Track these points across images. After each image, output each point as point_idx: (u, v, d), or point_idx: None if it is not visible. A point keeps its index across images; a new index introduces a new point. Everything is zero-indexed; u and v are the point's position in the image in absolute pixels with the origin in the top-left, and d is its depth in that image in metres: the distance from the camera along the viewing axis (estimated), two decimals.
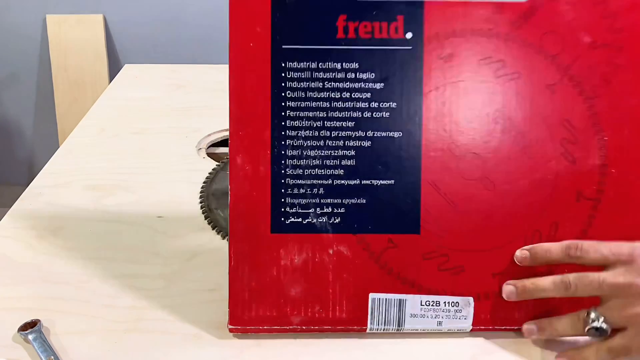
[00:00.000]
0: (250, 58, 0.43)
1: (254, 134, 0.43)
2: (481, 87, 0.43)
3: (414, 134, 0.44)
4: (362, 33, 0.42)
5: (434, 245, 0.44)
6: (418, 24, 0.42)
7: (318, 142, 0.43)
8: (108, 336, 0.45)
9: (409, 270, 0.44)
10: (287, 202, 0.44)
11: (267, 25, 0.42)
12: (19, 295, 0.49)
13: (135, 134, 0.77)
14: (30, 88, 1.76)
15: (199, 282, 0.51)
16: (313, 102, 0.43)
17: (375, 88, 0.43)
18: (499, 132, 0.44)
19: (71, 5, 1.64)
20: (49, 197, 0.63)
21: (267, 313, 0.44)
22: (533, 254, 0.43)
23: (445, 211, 0.44)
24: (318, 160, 0.44)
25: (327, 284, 0.44)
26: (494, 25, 0.43)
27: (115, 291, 0.50)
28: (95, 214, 0.60)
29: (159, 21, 1.64)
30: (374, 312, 0.45)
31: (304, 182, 0.44)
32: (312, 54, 0.43)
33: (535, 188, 0.44)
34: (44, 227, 0.58)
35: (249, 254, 0.44)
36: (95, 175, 0.67)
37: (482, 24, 0.43)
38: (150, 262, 0.53)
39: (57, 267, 0.53)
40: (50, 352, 0.43)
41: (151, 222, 0.59)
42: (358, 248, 0.44)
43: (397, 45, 0.43)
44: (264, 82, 0.43)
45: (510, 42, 0.43)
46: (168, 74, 0.98)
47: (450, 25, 0.43)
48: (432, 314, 0.45)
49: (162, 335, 0.45)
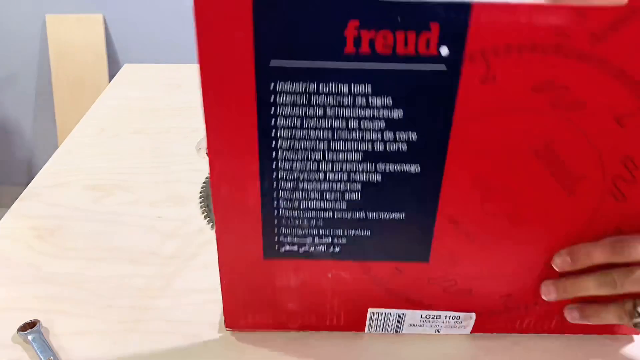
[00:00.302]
0: (228, 77, 0.33)
1: (239, 165, 0.36)
2: (530, 119, 0.35)
3: (436, 168, 0.37)
4: (379, 47, 0.32)
5: (442, 272, 0.42)
6: (459, 35, 0.31)
7: (317, 175, 0.37)
8: (107, 336, 0.45)
9: (413, 292, 0.43)
10: (280, 232, 0.39)
11: (248, 32, 0.31)
12: (19, 295, 0.49)
13: (135, 134, 0.77)
14: (30, 88, 1.75)
15: (199, 282, 0.51)
16: (311, 131, 0.35)
17: (392, 117, 0.34)
18: (541, 168, 0.37)
19: (71, 5, 1.63)
20: (49, 197, 0.63)
21: (263, 321, 0.44)
22: (574, 258, 0.40)
23: (461, 244, 0.40)
24: (316, 194, 0.38)
25: (325, 300, 0.43)
26: (567, 39, 0.32)
27: (114, 291, 0.50)
28: (94, 214, 0.60)
29: (159, 21, 1.64)
30: (372, 322, 0.45)
31: (299, 215, 0.39)
32: (311, 74, 0.33)
33: (571, 224, 0.39)
34: (43, 227, 0.58)
35: (240, 278, 0.42)
36: (94, 175, 0.67)
37: (551, 37, 0.31)
38: (150, 262, 0.53)
39: (57, 267, 0.52)
40: (49, 353, 0.43)
41: (151, 222, 0.59)
42: (360, 272, 0.41)
43: (426, 64, 0.32)
44: (248, 107, 0.34)
45: (582, 62, 0.33)
46: (168, 74, 0.98)
47: (503, 39, 0.32)
48: (431, 324, 0.44)
49: (161, 335, 0.45)
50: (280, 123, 0.35)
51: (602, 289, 0.40)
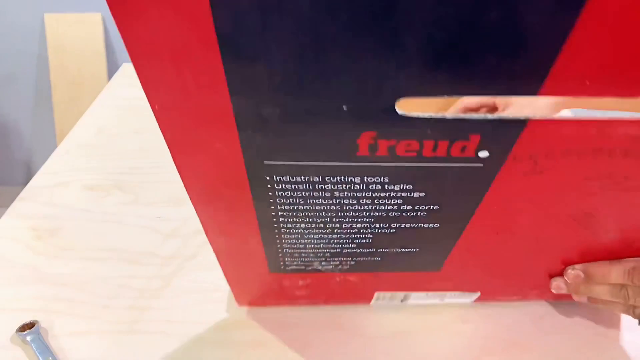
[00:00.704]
0: (210, 168, 0.28)
1: (237, 233, 0.34)
2: (576, 197, 0.31)
3: (457, 227, 0.34)
4: (401, 151, 0.26)
5: (452, 281, 0.43)
6: (504, 144, 0.26)
7: (324, 234, 0.34)
8: (107, 337, 0.45)
9: (421, 288, 0.44)
10: (285, 262, 0.38)
11: (232, 142, 0.25)
12: (17, 295, 0.49)
13: (134, 134, 0.77)
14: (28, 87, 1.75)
15: (198, 282, 0.51)
16: (316, 207, 0.31)
17: (412, 196, 0.30)
18: (574, 225, 0.34)
19: (70, 4, 1.63)
20: (47, 197, 0.63)
21: (272, 302, 0.47)
22: (589, 275, 0.40)
23: (472, 264, 0.39)
24: (323, 242, 0.35)
25: (333, 290, 0.45)
26: (637, 144, 0.27)
27: (114, 292, 0.50)
28: (94, 214, 0.60)
29: None
30: (379, 299, 0.47)
31: (305, 252, 0.37)
32: (316, 170, 0.27)
33: (590, 247, 0.38)
34: (42, 227, 0.58)
35: (248, 287, 0.44)
36: (93, 175, 0.67)
37: (619, 143, 0.26)
38: (150, 262, 0.53)
39: (56, 268, 0.52)
40: (48, 353, 0.43)
41: (151, 222, 0.59)
42: (370, 277, 0.41)
43: (460, 163, 0.27)
44: (241, 187, 0.29)
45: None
46: None
47: (562, 145, 0.26)
48: (437, 298, 0.47)
49: (161, 335, 0.45)
50: (279, 204, 0.31)
51: (615, 298, 0.40)
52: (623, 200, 0.31)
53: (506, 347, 0.44)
